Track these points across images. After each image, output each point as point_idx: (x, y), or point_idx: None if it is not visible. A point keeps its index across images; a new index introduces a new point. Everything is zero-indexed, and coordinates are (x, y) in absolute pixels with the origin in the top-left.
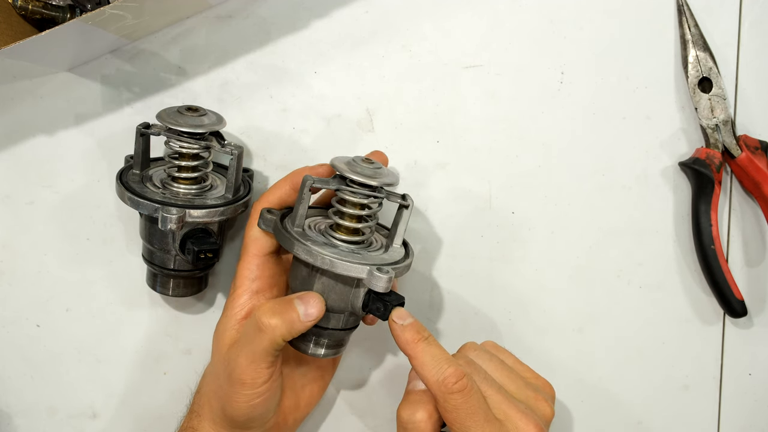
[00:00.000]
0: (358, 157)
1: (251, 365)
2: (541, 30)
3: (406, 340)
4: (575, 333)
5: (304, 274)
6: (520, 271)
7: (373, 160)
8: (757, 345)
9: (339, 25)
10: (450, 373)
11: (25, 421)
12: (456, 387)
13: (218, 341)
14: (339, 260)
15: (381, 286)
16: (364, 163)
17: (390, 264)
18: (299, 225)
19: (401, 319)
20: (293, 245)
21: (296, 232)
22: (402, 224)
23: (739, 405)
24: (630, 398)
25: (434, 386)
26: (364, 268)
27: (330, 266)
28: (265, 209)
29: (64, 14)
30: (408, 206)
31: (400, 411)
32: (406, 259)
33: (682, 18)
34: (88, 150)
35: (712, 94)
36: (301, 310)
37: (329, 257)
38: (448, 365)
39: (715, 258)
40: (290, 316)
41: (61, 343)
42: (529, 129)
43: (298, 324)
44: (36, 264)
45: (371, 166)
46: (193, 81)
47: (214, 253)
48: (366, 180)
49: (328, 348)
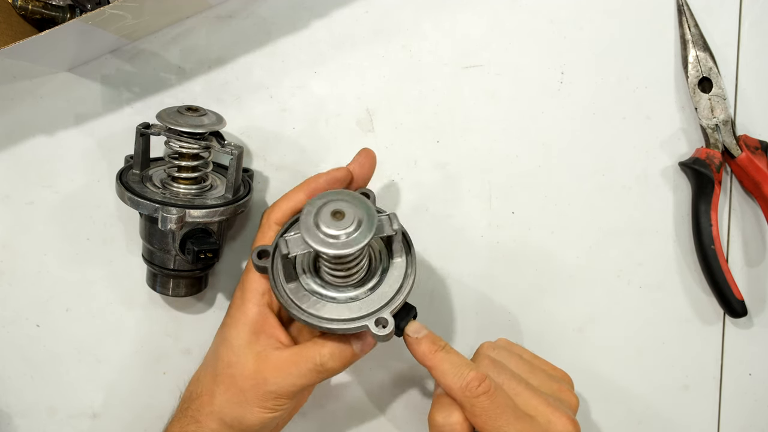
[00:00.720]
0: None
1: (296, 391)
2: (541, 30)
3: (423, 353)
4: (575, 333)
5: None
6: (520, 271)
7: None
8: (757, 345)
9: (339, 25)
10: (472, 377)
11: (25, 421)
12: (480, 389)
13: (233, 355)
14: (338, 326)
15: (383, 338)
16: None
17: (388, 303)
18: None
19: (416, 332)
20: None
21: (290, 289)
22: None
23: (739, 405)
24: (630, 398)
25: (459, 393)
26: (364, 326)
27: (329, 330)
28: (255, 254)
29: (64, 14)
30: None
31: (435, 416)
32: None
33: (682, 18)
34: (88, 150)
35: (712, 94)
36: (357, 348)
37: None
38: (468, 370)
39: (715, 258)
40: (349, 357)
41: (61, 343)
42: (529, 129)
43: (353, 360)
44: (36, 264)
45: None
46: (193, 81)
47: (214, 253)
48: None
49: None
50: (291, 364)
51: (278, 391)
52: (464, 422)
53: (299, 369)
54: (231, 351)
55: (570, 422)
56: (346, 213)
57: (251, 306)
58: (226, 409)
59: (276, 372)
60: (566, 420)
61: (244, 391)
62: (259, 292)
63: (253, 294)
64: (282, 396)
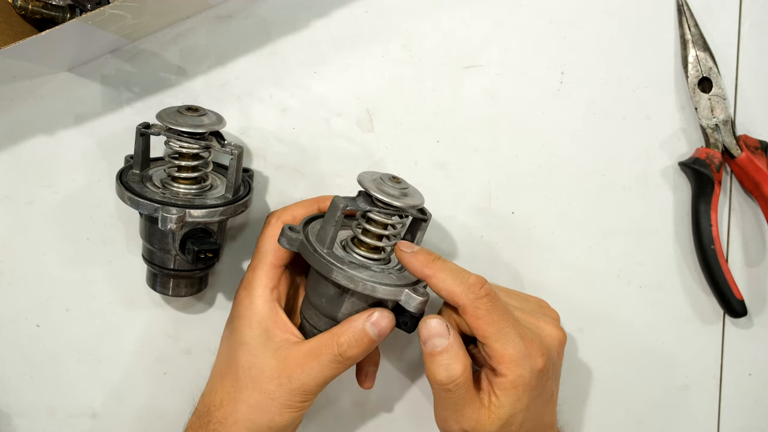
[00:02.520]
0: (385, 175)
1: (321, 385)
2: (541, 30)
3: (420, 263)
4: (575, 333)
5: (332, 293)
6: (520, 272)
7: (400, 178)
8: (757, 345)
9: (339, 25)
10: (473, 279)
11: (24, 421)
12: (483, 291)
13: (251, 356)
14: (380, 285)
15: (415, 307)
16: (391, 182)
17: (417, 282)
18: (329, 246)
19: (408, 247)
20: (331, 271)
21: (327, 253)
22: (419, 237)
23: (739, 405)
24: (630, 398)
25: (461, 295)
26: (402, 291)
27: (371, 291)
28: (287, 226)
29: (64, 14)
30: (426, 220)
31: (434, 374)
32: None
33: (682, 18)
34: (88, 150)
35: (712, 94)
36: (373, 333)
37: (371, 283)
38: (468, 274)
39: (715, 258)
40: (368, 344)
41: (61, 343)
42: (529, 129)
43: (372, 346)
44: (36, 264)
45: (398, 186)
46: (193, 81)
47: (214, 253)
48: (393, 201)
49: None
50: (312, 357)
51: (303, 388)
52: (465, 371)
53: (320, 362)
54: (249, 352)
55: (557, 329)
56: (402, 180)
57: (261, 302)
58: (252, 416)
59: (299, 368)
60: (553, 327)
61: (269, 392)
62: (269, 287)
63: (263, 290)
64: (308, 392)
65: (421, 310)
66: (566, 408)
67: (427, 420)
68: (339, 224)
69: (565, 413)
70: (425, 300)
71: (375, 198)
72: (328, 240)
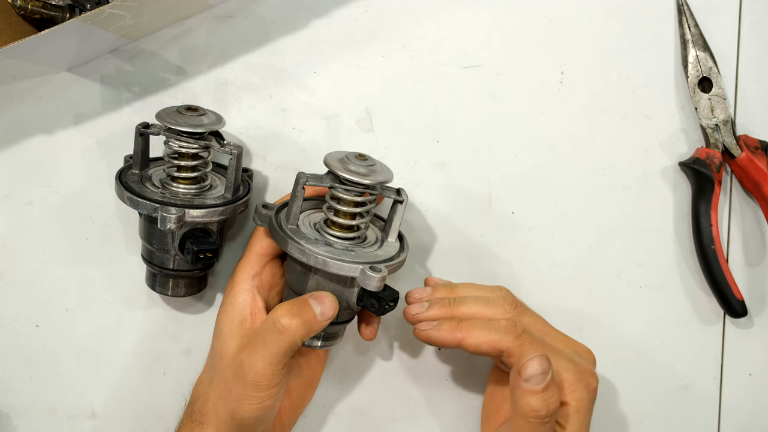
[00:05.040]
0: (351, 154)
1: (268, 368)
2: (541, 30)
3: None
4: (575, 333)
5: (298, 271)
6: (520, 272)
7: (367, 156)
8: (757, 345)
9: (339, 25)
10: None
11: (24, 421)
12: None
13: (222, 344)
14: (332, 260)
15: (373, 285)
16: (358, 160)
17: (383, 261)
18: (293, 222)
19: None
20: (287, 244)
21: (290, 229)
22: (396, 219)
23: (739, 405)
24: (630, 398)
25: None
26: (357, 267)
27: (323, 266)
28: (260, 204)
29: (63, 14)
30: (402, 201)
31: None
32: (400, 255)
33: (682, 18)
34: (87, 150)
35: (712, 94)
36: (317, 310)
37: (322, 257)
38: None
39: (715, 258)
40: (308, 317)
41: (60, 343)
42: (529, 129)
43: (315, 324)
44: (35, 264)
45: (365, 163)
46: (193, 81)
47: (213, 253)
48: (359, 179)
49: (325, 340)
50: (257, 337)
51: (252, 372)
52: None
53: (264, 339)
54: (222, 341)
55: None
56: (368, 157)
57: (239, 290)
58: (219, 406)
59: (246, 351)
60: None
61: (227, 381)
62: (250, 275)
63: (243, 277)
64: (260, 380)
65: (379, 287)
66: None
67: (428, 421)
68: (300, 198)
69: None
70: (382, 277)
71: (340, 177)
72: (291, 215)
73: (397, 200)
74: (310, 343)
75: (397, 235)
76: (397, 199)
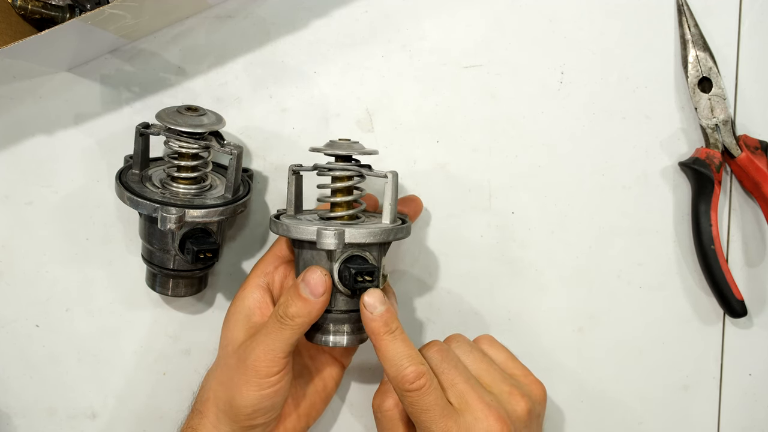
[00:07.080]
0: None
1: (269, 353)
2: (541, 30)
3: (371, 330)
4: (575, 333)
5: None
6: (520, 271)
7: (199, 107)
8: (757, 345)
9: (339, 25)
10: (409, 372)
11: (24, 422)
12: (413, 386)
13: (229, 332)
14: (294, 227)
15: (327, 243)
16: (187, 111)
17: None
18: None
19: (372, 307)
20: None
21: (287, 219)
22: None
23: (739, 405)
24: (630, 398)
25: (393, 382)
26: (312, 230)
27: (286, 232)
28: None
29: (63, 14)
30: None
31: (373, 400)
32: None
33: (682, 18)
34: (87, 150)
35: (712, 94)
36: (306, 292)
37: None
38: (408, 363)
39: (715, 258)
40: (302, 299)
41: (60, 343)
42: (529, 129)
43: (310, 305)
44: (35, 264)
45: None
46: (193, 81)
47: (213, 253)
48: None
49: (334, 335)
50: (262, 328)
51: (252, 357)
52: (395, 408)
53: (266, 328)
54: (229, 330)
55: (498, 422)
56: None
57: (250, 285)
58: (219, 393)
59: (251, 340)
60: (494, 420)
61: (230, 368)
62: (263, 273)
63: (256, 274)
64: (260, 361)
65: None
66: (566, 408)
67: None
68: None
69: (564, 413)
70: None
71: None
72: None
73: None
74: (318, 339)
75: (390, 218)
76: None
